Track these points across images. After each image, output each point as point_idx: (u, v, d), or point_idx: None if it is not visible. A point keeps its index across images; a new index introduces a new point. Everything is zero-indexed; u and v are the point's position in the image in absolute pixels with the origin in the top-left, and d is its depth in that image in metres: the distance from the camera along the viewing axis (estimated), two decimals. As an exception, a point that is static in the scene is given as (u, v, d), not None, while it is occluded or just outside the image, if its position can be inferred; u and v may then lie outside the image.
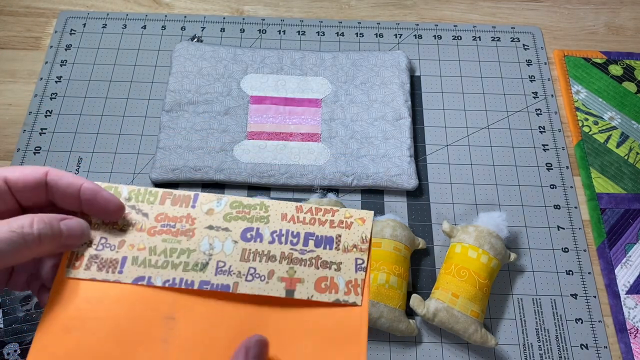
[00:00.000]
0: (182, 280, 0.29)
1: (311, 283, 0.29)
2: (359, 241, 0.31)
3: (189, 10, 0.61)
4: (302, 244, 0.30)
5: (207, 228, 0.30)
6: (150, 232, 0.30)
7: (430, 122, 0.55)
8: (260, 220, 0.31)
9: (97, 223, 0.30)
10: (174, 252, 0.29)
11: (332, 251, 0.30)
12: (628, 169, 0.53)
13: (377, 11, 0.62)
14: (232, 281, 0.29)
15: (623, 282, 0.47)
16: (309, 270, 0.30)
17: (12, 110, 0.54)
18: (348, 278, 0.30)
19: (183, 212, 0.30)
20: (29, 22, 0.59)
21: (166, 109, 0.52)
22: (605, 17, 0.63)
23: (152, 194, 0.31)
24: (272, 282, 0.29)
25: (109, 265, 0.29)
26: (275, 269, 0.29)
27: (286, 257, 0.30)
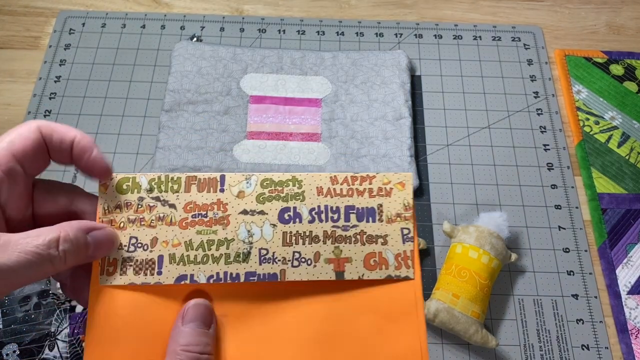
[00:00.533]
0: (226, 274, 0.27)
1: (359, 261, 0.28)
2: (401, 209, 0.29)
3: (188, 9, 0.61)
4: (344, 219, 0.28)
5: (241, 213, 0.28)
6: (182, 224, 0.28)
7: (430, 122, 0.55)
8: (295, 197, 0.28)
9: (122, 222, 0.27)
10: (211, 245, 0.28)
11: (376, 223, 0.28)
12: (629, 169, 0.53)
13: (378, 10, 0.62)
14: (278, 269, 0.27)
15: (624, 282, 0.47)
16: (355, 247, 0.28)
17: (11, 110, 0.54)
18: (396, 251, 0.28)
19: (212, 198, 0.28)
20: (28, 22, 0.59)
21: (165, 109, 0.52)
22: (606, 16, 0.62)
23: (174, 181, 0.28)
24: (319, 265, 0.28)
25: (145, 267, 0.27)
26: (320, 250, 0.28)
27: (329, 236, 0.28)
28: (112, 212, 0.28)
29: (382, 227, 0.28)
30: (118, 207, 0.28)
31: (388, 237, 0.28)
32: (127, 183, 0.28)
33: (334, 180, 0.29)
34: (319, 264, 0.28)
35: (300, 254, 0.28)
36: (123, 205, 0.28)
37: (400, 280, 0.28)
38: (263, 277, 0.27)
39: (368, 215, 0.29)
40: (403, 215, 0.29)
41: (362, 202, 0.29)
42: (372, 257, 0.28)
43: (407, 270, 0.28)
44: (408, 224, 0.29)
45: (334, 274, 0.28)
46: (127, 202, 0.28)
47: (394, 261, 0.28)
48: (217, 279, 0.27)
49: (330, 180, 0.29)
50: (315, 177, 0.29)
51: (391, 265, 0.28)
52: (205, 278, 0.27)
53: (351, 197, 0.29)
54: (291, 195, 0.29)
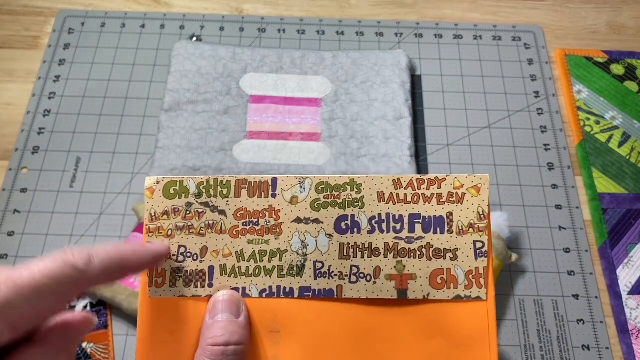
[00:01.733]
0: (279, 288, 0.26)
1: (425, 279, 0.25)
2: (475, 218, 0.25)
3: (188, 9, 0.61)
4: (408, 229, 0.26)
5: (294, 222, 0.26)
6: (232, 233, 0.26)
7: (431, 122, 0.54)
8: (353, 204, 0.26)
9: (170, 229, 0.26)
10: (264, 256, 0.26)
11: (445, 235, 0.25)
12: (630, 169, 0.53)
13: (378, 10, 0.62)
14: (334, 285, 0.25)
15: (625, 282, 0.47)
16: (420, 262, 0.25)
17: (10, 109, 0.54)
18: (467, 268, 0.25)
19: (264, 204, 0.26)
20: (27, 21, 0.59)
21: (165, 109, 0.52)
22: (607, 16, 0.62)
23: (224, 185, 0.26)
24: (379, 282, 0.25)
25: (196, 279, 0.26)
26: (380, 265, 0.25)
27: (391, 249, 0.25)
28: (159, 218, 0.26)
29: (451, 239, 0.26)
30: (166, 214, 0.26)
31: (458, 251, 0.25)
32: (175, 187, 0.26)
33: (397, 184, 0.26)
34: (380, 281, 0.25)
35: (359, 269, 0.26)
36: (171, 211, 0.26)
37: (470, 301, 0.25)
38: (318, 293, 0.25)
39: (436, 226, 0.26)
40: (477, 225, 0.26)
41: (429, 209, 0.26)
42: (440, 274, 0.25)
43: (478, 290, 0.25)
44: (482, 236, 0.25)
45: (395, 292, 0.25)
46: (174, 207, 0.26)
47: (464, 279, 0.25)
48: (270, 294, 0.26)
49: (393, 184, 0.26)
50: (376, 180, 0.26)
51: (461, 284, 0.25)
52: (257, 292, 0.26)
53: (416, 204, 0.26)
54: (349, 202, 0.26)
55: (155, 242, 0.26)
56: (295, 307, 0.26)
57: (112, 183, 0.50)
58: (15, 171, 0.50)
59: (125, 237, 0.47)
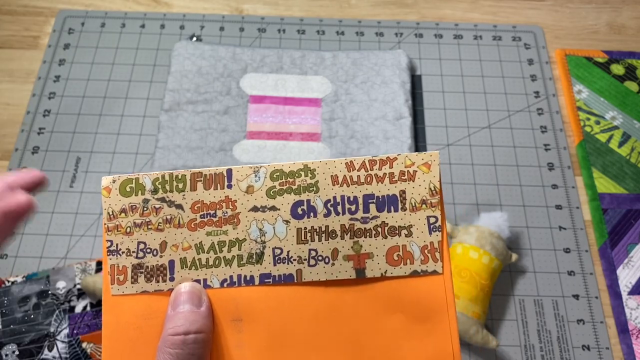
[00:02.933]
0: (240, 277, 0.26)
1: (381, 257, 0.26)
2: (427, 194, 0.26)
3: (188, 9, 0.61)
4: (362, 210, 0.26)
5: (251, 211, 0.26)
6: (190, 226, 0.26)
7: (431, 122, 0.54)
8: (308, 189, 0.26)
9: (129, 226, 0.26)
10: (223, 246, 0.26)
11: (399, 213, 0.26)
12: (630, 169, 0.52)
13: (378, 10, 0.62)
14: (294, 269, 0.26)
15: (625, 282, 0.47)
16: (376, 241, 0.26)
17: (10, 109, 0.54)
18: (422, 243, 0.26)
19: (220, 196, 0.26)
20: (27, 21, 0.59)
21: (165, 109, 0.52)
22: (607, 16, 0.62)
23: (179, 180, 0.26)
24: (338, 263, 0.26)
25: (157, 274, 0.26)
26: (338, 246, 0.26)
27: (347, 230, 0.26)
28: (117, 216, 0.26)
29: (405, 216, 0.26)
30: (123, 211, 0.26)
31: (412, 227, 0.26)
32: (131, 185, 0.26)
33: (350, 167, 0.26)
34: (338, 262, 0.26)
35: (317, 252, 0.26)
36: (128, 209, 0.26)
37: (427, 275, 0.26)
38: (279, 279, 0.26)
39: (389, 204, 0.26)
40: (429, 201, 0.26)
41: (383, 189, 0.26)
42: (396, 251, 0.26)
43: (434, 264, 0.26)
44: (435, 211, 0.26)
45: (354, 271, 0.26)
46: (132, 205, 0.26)
47: (419, 254, 0.26)
48: (230, 283, 0.26)
49: (346, 167, 0.26)
50: (330, 165, 0.26)
51: (417, 259, 0.26)
52: (218, 282, 0.26)
53: (370, 185, 0.26)
54: (304, 187, 0.26)
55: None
56: (257, 294, 0.26)
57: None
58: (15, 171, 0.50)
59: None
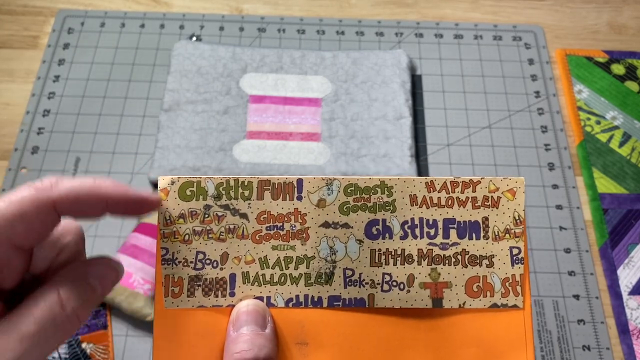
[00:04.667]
0: (307, 297, 0.24)
1: (460, 287, 0.24)
2: (511, 223, 0.25)
3: (187, 8, 0.61)
4: (442, 235, 0.24)
5: (322, 226, 0.25)
6: (255, 238, 0.24)
7: (431, 122, 0.54)
8: (384, 208, 0.25)
9: (187, 234, 0.24)
10: (289, 262, 0.24)
11: (480, 241, 0.24)
12: (630, 169, 0.52)
13: (378, 10, 0.62)
14: (366, 293, 0.24)
15: (625, 282, 0.47)
16: (455, 270, 0.24)
17: (10, 109, 0.54)
18: (504, 275, 0.24)
19: (289, 207, 0.25)
20: (26, 21, 0.59)
21: (165, 109, 0.52)
22: (608, 16, 0.62)
23: (245, 187, 0.24)
24: (413, 290, 0.24)
25: (216, 288, 0.24)
26: (414, 272, 0.24)
27: (425, 256, 0.24)
28: (174, 222, 0.24)
29: (487, 245, 0.24)
30: (182, 217, 0.24)
31: (494, 257, 0.24)
32: (191, 188, 0.24)
33: (431, 187, 0.25)
34: (413, 289, 0.24)
35: (391, 277, 0.24)
36: (187, 215, 0.24)
37: (507, 309, 0.24)
38: (349, 303, 0.24)
39: (471, 231, 0.25)
40: (513, 231, 0.25)
41: (464, 214, 0.25)
42: (476, 282, 0.24)
43: (515, 298, 0.24)
44: (518, 242, 0.25)
45: (430, 300, 0.24)
46: (191, 210, 0.24)
47: (500, 287, 0.24)
48: (296, 303, 0.24)
49: (426, 187, 0.25)
50: (408, 183, 0.25)
51: (497, 292, 0.24)
52: (283, 301, 0.24)
53: (451, 208, 0.25)
54: (380, 205, 0.25)
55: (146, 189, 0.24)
56: (324, 317, 0.24)
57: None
58: (14, 171, 0.50)
59: (125, 237, 0.47)
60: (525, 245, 0.25)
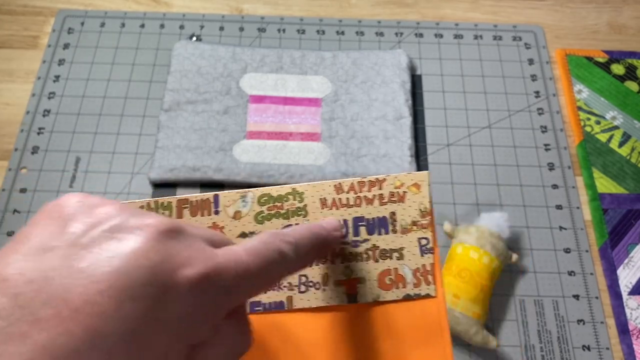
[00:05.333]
0: None
1: (373, 281, 0.25)
2: (417, 215, 0.25)
3: (187, 8, 0.61)
4: (353, 233, 0.25)
5: (239, 237, 0.25)
6: None
7: (431, 122, 0.54)
8: (297, 213, 0.25)
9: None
10: None
11: (390, 235, 0.25)
12: (630, 169, 0.52)
13: (378, 10, 0.62)
14: (284, 296, 0.25)
15: (625, 282, 0.47)
16: (367, 265, 0.25)
17: (10, 109, 0.54)
18: (414, 266, 0.25)
19: (207, 222, 0.26)
20: (26, 21, 0.59)
21: (165, 108, 0.52)
22: (608, 16, 0.62)
23: (165, 207, 0.25)
24: (329, 289, 0.25)
25: None
26: (328, 271, 0.25)
27: (338, 255, 0.25)
28: None
29: (396, 239, 0.25)
30: None
31: (404, 250, 0.25)
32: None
33: (339, 189, 0.26)
34: (329, 287, 0.25)
35: (307, 278, 0.25)
36: None
37: (420, 299, 0.25)
38: (269, 307, 0.25)
39: (380, 227, 0.25)
40: (420, 222, 0.25)
41: (372, 211, 0.25)
42: (387, 275, 0.25)
43: (427, 287, 0.25)
44: (426, 232, 0.25)
45: (345, 297, 0.25)
46: None
47: (412, 277, 0.25)
48: None
49: (334, 190, 0.26)
50: (318, 188, 0.26)
51: (409, 283, 0.25)
52: None
53: (359, 207, 0.25)
54: (292, 211, 0.26)
55: (330, 218, 0.25)
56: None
57: (112, 183, 0.50)
58: (14, 171, 0.50)
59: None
60: (434, 235, 0.25)
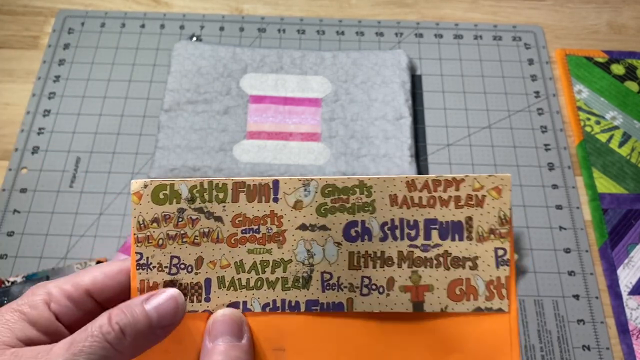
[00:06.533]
0: (284, 302, 0.24)
1: (442, 290, 0.23)
2: (496, 223, 0.23)
3: (187, 8, 0.61)
4: (424, 236, 0.24)
5: (299, 229, 0.24)
6: (230, 241, 0.24)
7: (431, 122, 0.54)
8: (364, 209, 0.24)
9: (161, 238, 0.24)
10: (266, 266, 0.24)
11: (464, 242, 0.23)
12: (630, 169, 0.52)
13: (378, 10, 0.62)
14: (344, 297, 0.23)
15: (625, 282, 0.47)
16: (437, 272, 0.23)
17: (10, 109, 0.54)
18: (488, 277, 0.23)
19: (265, 210, 0.24)
20: (27, 21, 0.59)
21: (165, 109, 0.52)
22: (608, 16, 0.62)
23: (220, 189, 0.24)
24: (393, 294, 0.23)
25: (191, 293, 0.24)
26: (394, 275, 0.23)
27: (406, 258, 0.23)
28: (148, 226, 0.24)
29: (471, 246, 0.23)
30: (155, 221, 0.24)
31: (478, 259, 0.23)
32: (164, 191, 0.24)
33: (411, 186, 0.24)
34: (393, 293, 0.23)
35: (371, 280, 0.23)
36: (161, 219, 0.24)
37: (491, 313, 0.23)
38: (327, 307, 0.23)
39: (454, 232, 0.24)
40: (498, 231, 0.23)
41: (447, 214, 0.24)
42: (458, 285, 0.23)
43: (500, 301, 0.23)
44: (504, 242, 0.23)
45: (411, 305, 0.23)
46: (165, 214, 0.24)
47: (484, 290, 0.23)
48: (273, 308, 0.24)
49: (406, 186, 0.24)
50: (388, 182, 0.24)
51: (481, 295, 0.23)
52: (260, 306, 0.24)
53: (433, 208, 0.24)
54: (359, 206, 0.24)
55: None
56: (302, 322, 0.24)
57: (112, 183, 0.50)
58: (14, 171, 0.50)
59: (125, 238, 0.47)
60: (512, 246, 0.23)
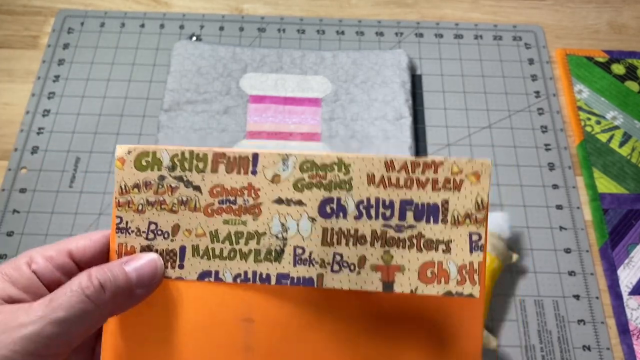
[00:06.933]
0: (255, 274, 0.24)
1: (414, 271, 0.23)
2: (472, 208, 0.23)
3: (187, 8, 0.61)
4: (398, 217, 0.23)
5: (275, 202, 0.24)
6: (207, 211, 0.24)
7: (431, 122, 0.54)
8: (340, 186, 0.24)
9: (141, 204, 0.24)
10: (240, 237, 0.24)
11: (438, 225, 0.23)
12: (631, 169, 0.52)
13: (378, 9, 0.62)
14: (315, 273, 0.24)
15: (625, 283, 0.47)
16: (409, 253, 0.23)
17: (10, 109, 0.54)
18: (461, 262, 0.23)
19: (243, 182, 0.24)
20: (26, 21, 0.59)
21: (165, 108, 0.52)
22: (608, 15, 0.62)
23: (200, 159, 0.24)
24: (364, 273, 0.23)
25: (166, 259, 0.24)
26: (366, 254, 0.23)
27: (379, 237, 0.23)
28: (129, 191, 0.24)
29: (445, 230, 0.23)
30: (136, 187, 0.24)
31: (452, 243, 0.23)
32: (147, 158, 0.24)
33: (390, 166, 0.23)
34: (364, 271, 0.23)
35: (342, 257, 0.24)
36: (142, 185, 0.24)
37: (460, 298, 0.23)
38: (297, 281, 0.24)
39: (429, 214, 0.23)
40: (474, 216, 0.23)
41: (423, 196, 0.23)
42: (430, 268, 0.23)
43: (471, 287, 0.23)
44: (479, 227, 0.23)
45: (381, 284, 0.23)
46: (146, 181, 0.24)
47: (456, 274, 0.23)
48: (244, 279, 0.24)
49: (385, 166, 0.23)
50: (367, 161, 0.24)
51: (452, 279, 0.23)
52: (231, 277, 0.24)
53: (409, 190, 0.23)
54: (335, 183, 0.24)
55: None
56: (271, 295, 0.24)
57: (112, 183, 0.50)
58: (14, 171, 0.50)
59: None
60: (487, 232, 0.23)
